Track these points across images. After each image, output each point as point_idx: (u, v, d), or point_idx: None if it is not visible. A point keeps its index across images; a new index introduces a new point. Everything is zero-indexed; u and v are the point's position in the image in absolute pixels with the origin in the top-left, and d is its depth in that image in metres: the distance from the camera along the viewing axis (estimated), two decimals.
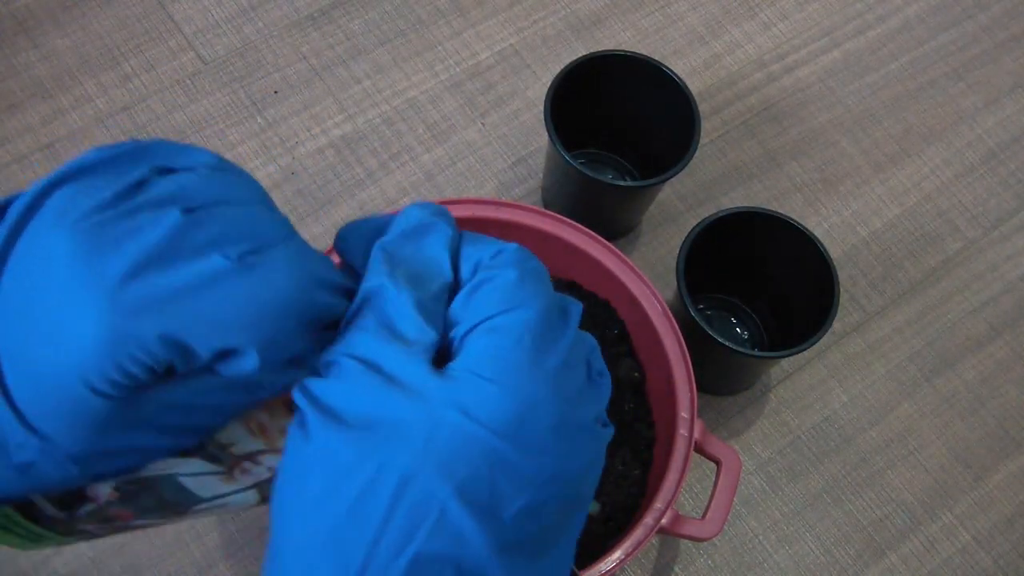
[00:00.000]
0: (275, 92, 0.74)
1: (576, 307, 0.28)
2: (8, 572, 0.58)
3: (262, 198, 0.27)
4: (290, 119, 0.73)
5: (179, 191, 0.25)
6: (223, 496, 0.32)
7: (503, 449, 0.24)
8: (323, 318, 0.27)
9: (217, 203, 0.25)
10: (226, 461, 0.31)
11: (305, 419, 0.26)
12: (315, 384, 0.26)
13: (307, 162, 0.72)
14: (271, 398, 0.28)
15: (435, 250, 0.28)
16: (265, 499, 0.33)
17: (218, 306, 0.24)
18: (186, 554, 0.60)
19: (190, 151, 0.27)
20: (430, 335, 0.26)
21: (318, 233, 0.69)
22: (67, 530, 0.30)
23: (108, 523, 0.31)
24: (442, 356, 0.27)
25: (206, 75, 0.74)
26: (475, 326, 0.26)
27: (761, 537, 0.64)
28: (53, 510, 0.29)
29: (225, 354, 0.25)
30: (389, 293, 0.26)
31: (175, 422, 0.26)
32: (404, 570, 0.24)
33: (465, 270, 0.28)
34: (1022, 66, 0.82)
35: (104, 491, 0.30)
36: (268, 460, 0.31)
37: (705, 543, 0.63)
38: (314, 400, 0.26)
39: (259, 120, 0.73)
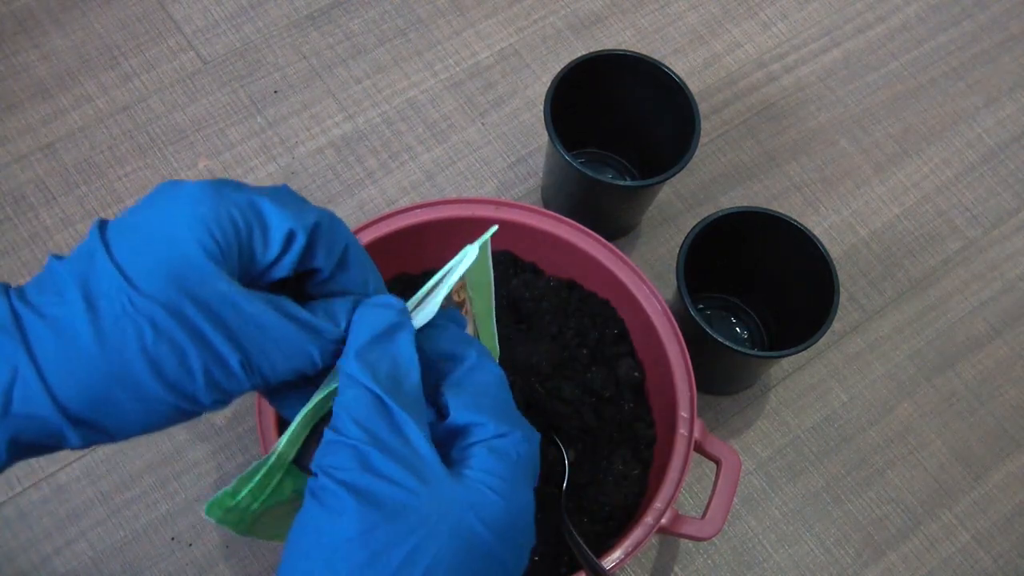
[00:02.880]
0: (275, 92, 0.74)
1: (535, 435, 0.34)
2: (8, 572, 0.58)
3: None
4: (290, 119, 0.73)
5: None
6: None
7: (498, 549, 0.31)
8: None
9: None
10: None
11: (336, 495, 0.30)
12: (340, 471, 0.30)
13: (307, 162, 0.72)
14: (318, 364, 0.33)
15: (406, 349, 0.33)
16: None
17: (284, 199, 0.33)
18: (186, 554, 0.60)
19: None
20: (432, 447, 0.32)
21: None
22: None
23: None
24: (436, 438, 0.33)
25: (206, 75, 0.74)
26: (477, 443, 0.32)
27: (761, 537, 0.64)
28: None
29: (288, 241, 0.32)
30: (393, 407, 0.31)
31: (231, 322, 0.31)
32: None
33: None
34: (1022, 66, 0.82)
35: None
36: None
37: (705, 543, 0.63)
38: (342, 483, 0.30)
39: (259, 120, 0.73)
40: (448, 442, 0.33)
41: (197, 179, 0.32)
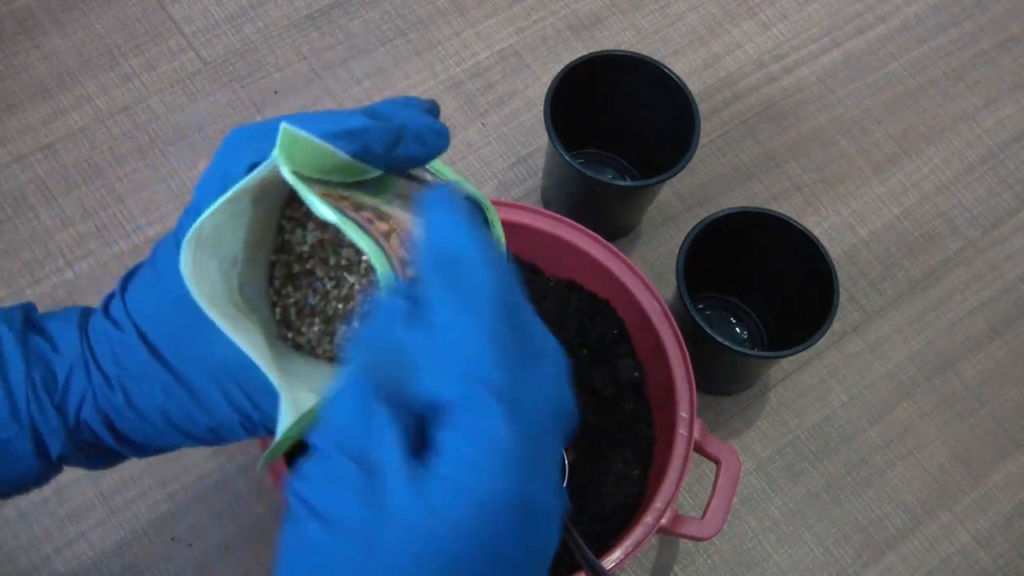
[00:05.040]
0: (275, 92, 0.74)
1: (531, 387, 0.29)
2: (8, 572, 0.58)
3: None
4: None
5: None
6: None
7: (459, 547, 0.27)
8: None
9: None
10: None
11: (302, 513, 0.28)
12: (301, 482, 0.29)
13: None
14: None
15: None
16: None
17: None
18: (186, 554, 0.60)
19: None
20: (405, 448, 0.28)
21: None
22: None
23: None
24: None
25: (206, 75, 0.74)
26: (445, 425, 0.28)
27: (761, 537, 0.64)
28: None
29: None
30: (380, 421, 0.28)
31: None
32: None
33: None
34: (1022, 66, 0.82)
35: None
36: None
37: (705, 543, 0.63)
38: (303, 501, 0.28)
39: (259, 120, 0.73)
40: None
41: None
